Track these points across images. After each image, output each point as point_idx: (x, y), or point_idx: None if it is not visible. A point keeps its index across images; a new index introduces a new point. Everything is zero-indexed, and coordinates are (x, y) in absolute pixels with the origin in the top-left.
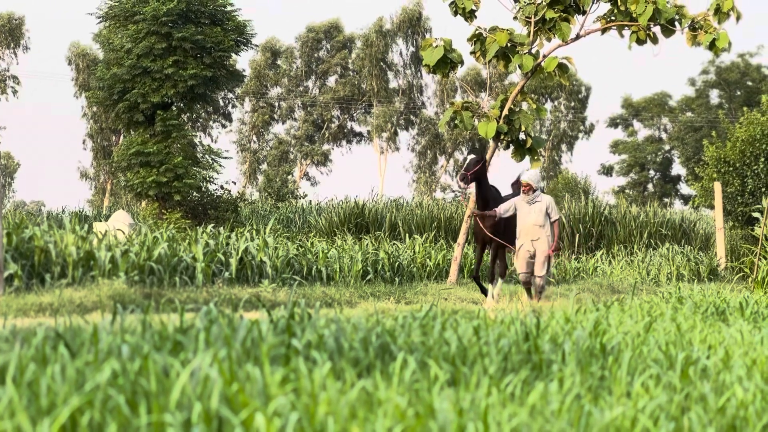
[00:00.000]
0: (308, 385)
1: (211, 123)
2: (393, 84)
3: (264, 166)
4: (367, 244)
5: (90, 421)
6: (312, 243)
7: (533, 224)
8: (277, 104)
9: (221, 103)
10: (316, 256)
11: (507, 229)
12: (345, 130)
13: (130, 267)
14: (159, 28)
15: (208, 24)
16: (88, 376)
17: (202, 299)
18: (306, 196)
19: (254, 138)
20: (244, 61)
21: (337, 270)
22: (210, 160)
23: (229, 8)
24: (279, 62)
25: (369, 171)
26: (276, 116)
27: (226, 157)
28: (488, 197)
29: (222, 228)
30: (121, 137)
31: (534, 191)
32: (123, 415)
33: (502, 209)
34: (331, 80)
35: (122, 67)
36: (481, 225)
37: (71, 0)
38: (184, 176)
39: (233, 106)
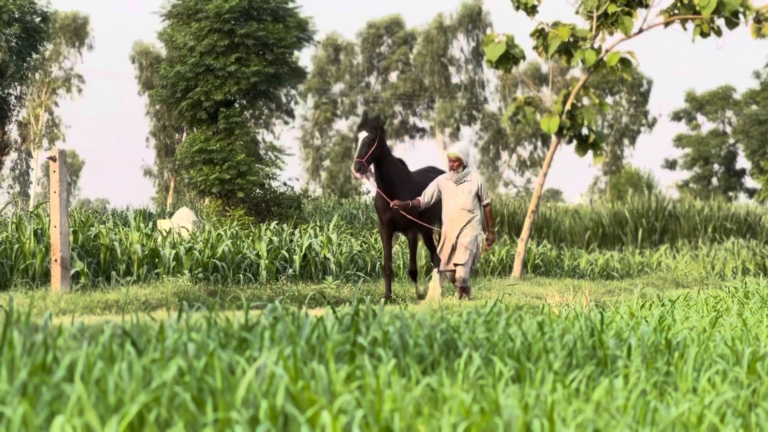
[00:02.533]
0: (373, 382)
1: (273, 120)
2: (455, 79)
3: (327, 163)
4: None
5: (157, 418)
6: (375, 239)
7: (461, 208)
8: (339, 100)
9: (284, 100)
10: (379, 253)
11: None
12: (407, 126)
13: (195, 264)
14: (222, 25)
15: (270, 21)
16: (155, 373)
17: (266, 296)
18: (369, 192)
19: (317, 134)
20: (305, 57)
21: (401, 266)
22: (273, 157)
23: (291, 5)
24: (340, 58)
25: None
26: (338, 112)
27: (288, 154)
28: (394, 179)
29: (285, 225)
30: (184, 135)
31: (464, 167)
32: (189, 412)
33: (426, 197)
34: (393, 76)
35: (185, 64)
36: (381, 205)
37: None
38: (247, 173)
39: (296, 103)
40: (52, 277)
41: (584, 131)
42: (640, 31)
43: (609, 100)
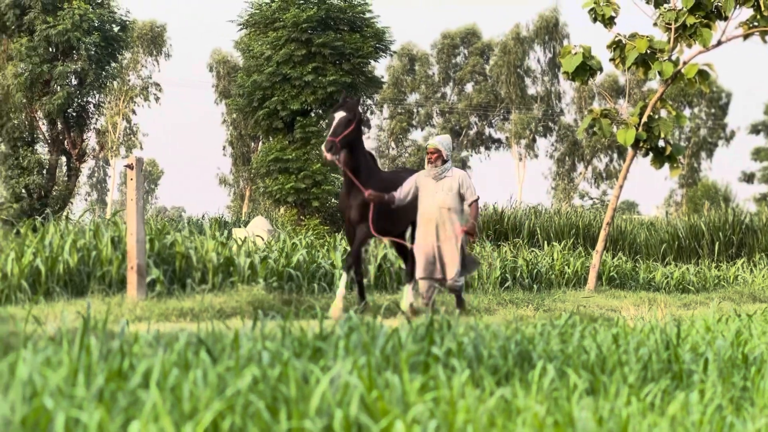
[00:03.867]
0: (447, 393)
1: None
2: (531, 91)
3: None
4: (505, 251)
5: (231, 426)
6: None
7: (440, 206)
8: (414, 110)
9: (360, 110)
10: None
11: (388, 212)
12: (483, 137)
13: (269, 273)
14: (299, 34)
15: (347, 30)
16: (229, 381)
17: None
18: None
19: (392, 144)
20: (380, 67)
21: (476, 277)
22: None
23: (368, 15)
24: (415, 68)
25: (507, 177)
26: (414, 122)
27: None
28: (362, 171)
29: None
30: (260, 144)
31: (444, 162)
32: (263, 420)
33: (402, 192)
34: (469, 87)
35: (262, 74)
36: (347, 200)
37: (212, 8)
38: (322, 182)
39: (371, 113)
40: (128, 284)
41: (661, 144)
42: (719, 43)
43: (687, 112)
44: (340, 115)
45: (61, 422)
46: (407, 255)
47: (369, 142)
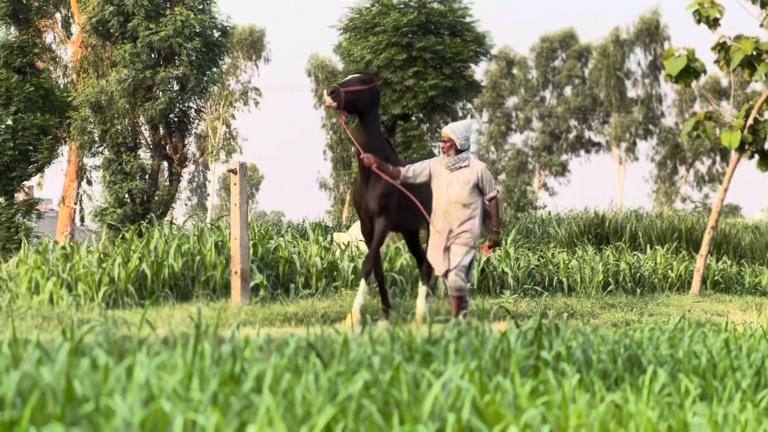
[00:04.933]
0: (558, 397)
1: None
2: (631, 93)
3: (502, 177)
4: (607, 255)
5: (343, 430)
6: (552, 254)
7: (455, 201)
8: (513, 114)
9: (459, 114)
10: (556, 267)
11: (408, 205)
12: (582, 141)
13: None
14: (399, 39)
15: (447, 34)
16: (341, 385)
17: (445, 310)
18: (545, 206)
19: (492, 148)
20: (478, 71)
21: (578, 281)
22: None
23: (468, 19)
24: (513, 72)
25: (607, 181)
26: (513, 126)
27: None
28: (371, 144)
29: None
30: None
31: (459, 152)
32: (376, 424)
33: (410, 171)
34: (567, 90)
35: None
36: (364, 190)
37: (310, 13)
38: None
39: (471, 117)
40: (232, 288)
41: (767, 146)
42: None
43: None
44: (355, 75)
45: (180, 425)
46: (422, 256)
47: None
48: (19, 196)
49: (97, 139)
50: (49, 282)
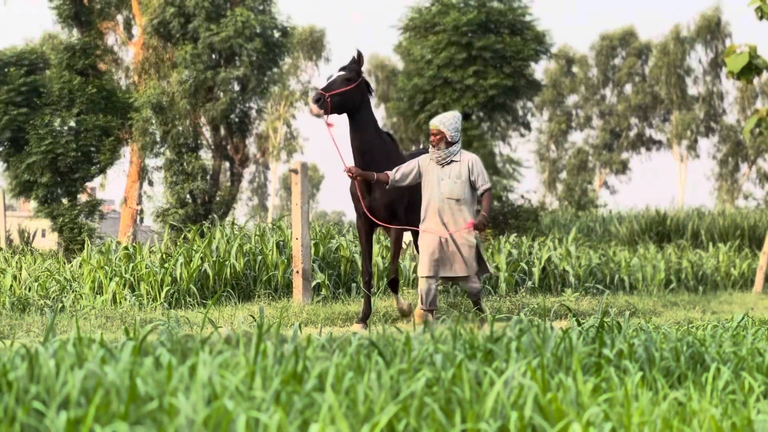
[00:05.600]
0: (620, 395)
1: (509, 132)
2: (692, 91)
3: (563, 175)
4: (669, 253)
5: (405, 428)
6: (614, 252)
7: (447, 198)
8: (573, 113)
9: (520, 113)
10: (618, 265)
11: (414, 204)
12: (643, 138)
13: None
14: (459, 38)
15: (507, 33)
16: (403, 384)
17: (506, 308)
18: (606, 204)
19: (552, 147)
20: (538, 69)
21: (640, 279)
22: (510, 170)
23: (528, 18)
24: (574, 70)
25: (668, 179)
26: (573, 125)
27: (525, 166)
28: (374, 149)
29: (524, 237)
30: (420, 147)
31: (449, 144)
32: (438, 422)
33: (399, 173)
34: (628, 88)
35: (423, 77)
36: (361, 195)
37: (369, 12)
38: None
39: (532, 115)
40: (294, 288)
41: None
42: None
43: None
44: (339, 73)
45: (243, 423)
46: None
47: (529, 144)
48: (82, 198)
49: (158, 139)
50: (112, 282)
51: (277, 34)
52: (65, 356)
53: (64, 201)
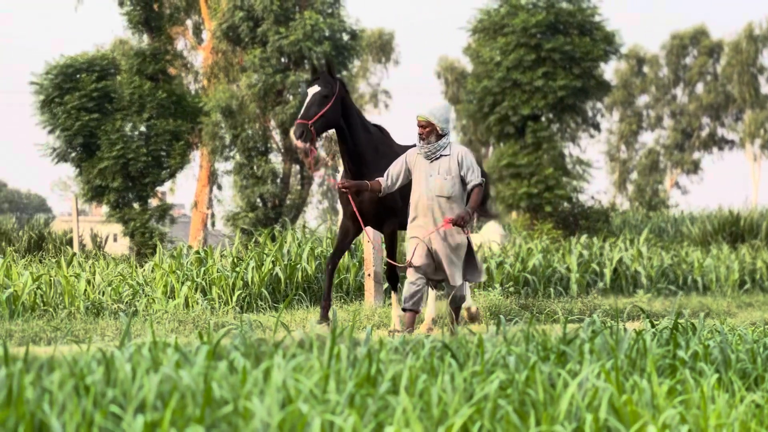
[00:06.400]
0: (696, 397)
1: (579, 133)
2: (765, 90)
3: (634, 176)
4: (743, 253)
5: (479, 430)
6: (686, 252)
7: (437, 195)
8: (644, 113)
9: (589, 113)
10: (690, 266)
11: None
12: (715, 138)
13: (505, 278)
14: (528, 39)
15: (576, 34)
16: (476, 386)
17: (577, 309)
18: (678, 205)
19: (623, 147)
20: (608, 70)
21: (713, 280)
22: (580, 171)
23: (597, 18)
24: (644, 70)
25: (741, 179)
26: (644, 125)
27: (595, 167)
28: (365, 152)
29: (595, 238)
30: (491, 149)
31: (439, 136)
32: (512, 424)
33: (390, 177)
34: (699, 87)
35: (492, 79)
36: (351, 199)
37: (438, 14)
38: (554, 187)
39: (601, 116)
40: (366, 291)
41: None
42: None
43: None
44: (313, 90)
45: (317, 426)
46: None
47: (599, 145)
48: (153, 202)
49: (228, 143)
50: (184, 286)
51: (345, 37)
52: (141, 360)
53: (135, 205)
